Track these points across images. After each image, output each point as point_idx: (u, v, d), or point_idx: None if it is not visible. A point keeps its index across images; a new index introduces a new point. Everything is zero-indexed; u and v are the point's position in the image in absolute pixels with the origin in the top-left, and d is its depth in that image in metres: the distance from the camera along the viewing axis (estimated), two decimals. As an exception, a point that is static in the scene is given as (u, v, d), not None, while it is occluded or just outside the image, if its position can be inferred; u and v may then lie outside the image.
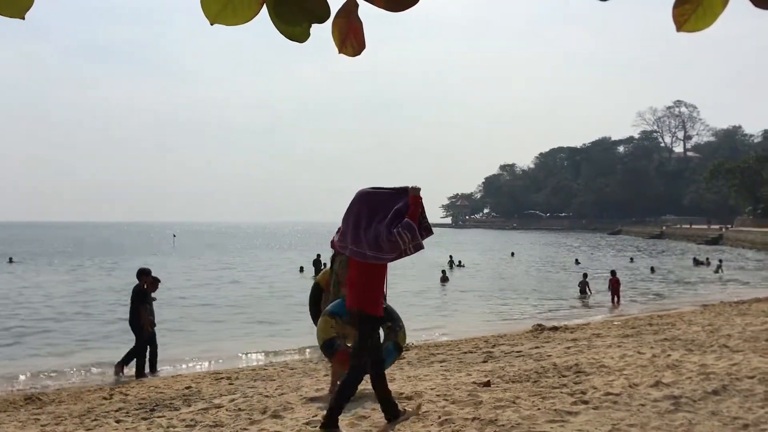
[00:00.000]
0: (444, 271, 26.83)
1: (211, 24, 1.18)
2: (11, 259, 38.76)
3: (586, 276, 21.76)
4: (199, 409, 6.13)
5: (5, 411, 7.28)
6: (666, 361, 7.16)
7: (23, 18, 1.16)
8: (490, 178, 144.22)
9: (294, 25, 1.20)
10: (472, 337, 12.27)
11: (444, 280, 25.58)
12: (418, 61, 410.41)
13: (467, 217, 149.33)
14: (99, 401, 7.48)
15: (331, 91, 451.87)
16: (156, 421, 5.75)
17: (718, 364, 6.84)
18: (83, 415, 6.50)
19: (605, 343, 9.34)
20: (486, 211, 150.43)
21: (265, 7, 1.18)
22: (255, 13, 1.18)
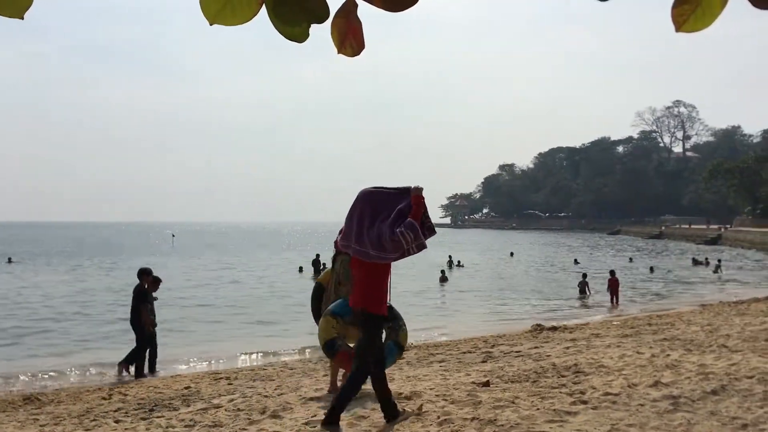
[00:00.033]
0: (443, 271, 26.81)
1: (211, 24, 1.18)
2: (10, 259, 38.70)
3: (585, 276, 21.75)
4: (198, 410, 6.13)
5: (4, 411, 7.28)
6: (665, 361, 7.16)
7: (22, 18, 1.16)
8: (489, 178, 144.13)
9: (293, 26, 1.20)
10: (471, 337, 12.27)
11: (443, 280, 25.56)
12: (419, 61, 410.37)
13: (466, 217, 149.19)
14: (98, 401, 7.48)
15: (332, 91, 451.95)
16: (155, 422, 5.75)
17: (717, 364, 6.84)
18: (82, 415, 6.50)
19: (604, 343, 9.35)
20: (485, 211, 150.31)
21: (265, 7, 1.18)
22: (254, 13, 1.18)
